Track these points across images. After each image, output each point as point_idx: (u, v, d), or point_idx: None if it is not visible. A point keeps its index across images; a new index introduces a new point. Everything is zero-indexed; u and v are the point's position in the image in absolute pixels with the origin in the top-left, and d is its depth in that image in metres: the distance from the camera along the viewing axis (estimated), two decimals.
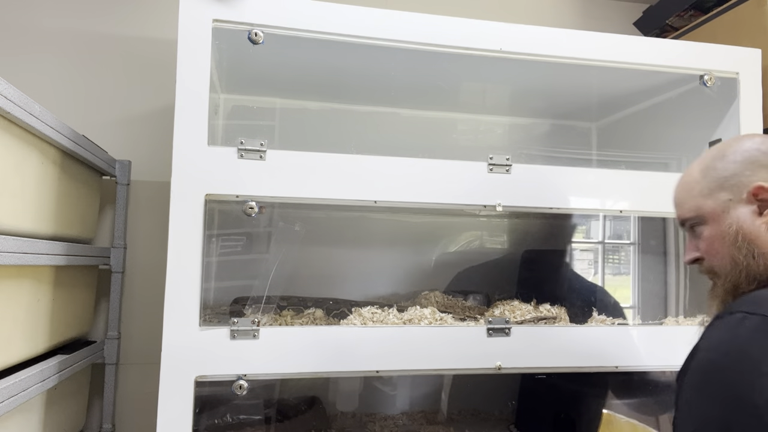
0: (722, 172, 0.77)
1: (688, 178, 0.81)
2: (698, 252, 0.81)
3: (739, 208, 0.75)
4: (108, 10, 1.43)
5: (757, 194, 0.74)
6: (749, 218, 0.75)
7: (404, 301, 1.37)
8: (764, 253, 0.75)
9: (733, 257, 0.75)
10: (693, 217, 0.80)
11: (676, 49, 1.20)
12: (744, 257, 0.75)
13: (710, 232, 0.78)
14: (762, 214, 0.74)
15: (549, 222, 1.47)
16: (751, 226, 0.74)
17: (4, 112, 0.80)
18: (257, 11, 1.01)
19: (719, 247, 0.77)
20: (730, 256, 0.76)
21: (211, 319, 1.03)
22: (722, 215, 0.76)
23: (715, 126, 1.28)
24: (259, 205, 0.99)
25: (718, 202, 0.77)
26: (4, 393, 0.81)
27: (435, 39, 1.09)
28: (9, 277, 0.88)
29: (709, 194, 0.78)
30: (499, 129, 1.67)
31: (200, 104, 0.97)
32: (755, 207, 0.74)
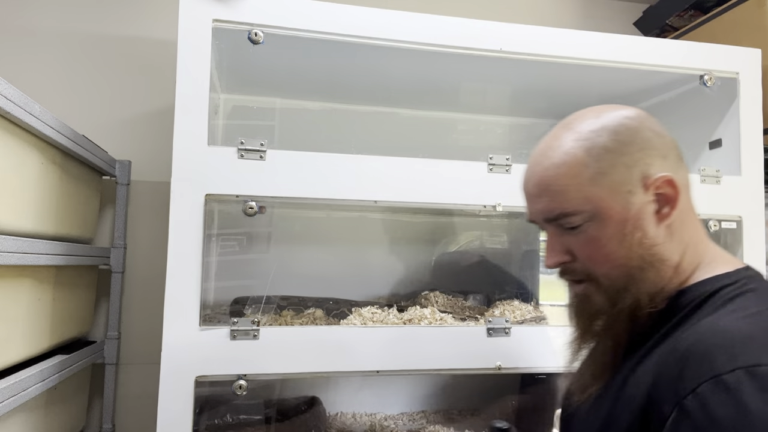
0: (620, 156, 0.60)
1: (568, 158, 0.61)
2: (567, 255, 0.64)
3: (638, 203, 0.60)
4: (108, 10, 1.43)
5: (659, 187, 0.60)
6: (650, 218, 0.60)
7: (404, 301, 1.37)
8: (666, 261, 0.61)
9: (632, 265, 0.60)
10: (577, 211, 0.61)
11: (676, 49, 1.20)
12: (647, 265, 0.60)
13: (599, 232, 0.60)
14: (660, 213, 0.60)
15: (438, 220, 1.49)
16: (652, 229, 0.60)
17: (4, 112, 0.80)
18: (257, 11, 1.01)
19: (611, 252, 0.60)
20: (626, 264, 0.60)
21: (211, 319, 1.03)
22: (621, 211, 0.59)
23: (715, 126, 1.28)
24: (259, 205, 0.99)
25: (616, 194, 0.59)
26: (4, 393, 0.81)
27: (435, 39, 1.09)
28: (9, 277, 0.88)
29: (602, 182, 0.60)
30: (499, 129, 1.67)
31: (200, 104, 0.97)
32: (654, 204, 0.60)
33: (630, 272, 0.60)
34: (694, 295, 0.59)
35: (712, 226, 1.17)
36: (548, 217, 0.63)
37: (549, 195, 0.62)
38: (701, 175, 1.17)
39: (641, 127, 0.61)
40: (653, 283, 0.60)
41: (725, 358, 0.48)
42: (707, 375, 0.48)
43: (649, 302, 0.60)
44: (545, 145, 0.64)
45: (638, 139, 0.61)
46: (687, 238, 0.62)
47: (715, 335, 0.51)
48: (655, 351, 0.57)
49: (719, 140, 1.28)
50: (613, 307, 0.62)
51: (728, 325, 0.52)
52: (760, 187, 1.20)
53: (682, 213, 0.61)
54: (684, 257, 0.62)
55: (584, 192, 0.60)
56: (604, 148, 0.60)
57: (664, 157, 0.61)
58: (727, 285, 0.58)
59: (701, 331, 0.53)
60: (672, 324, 0.59)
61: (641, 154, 0.60)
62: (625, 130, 0.61)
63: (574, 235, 0.62)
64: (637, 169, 0.60)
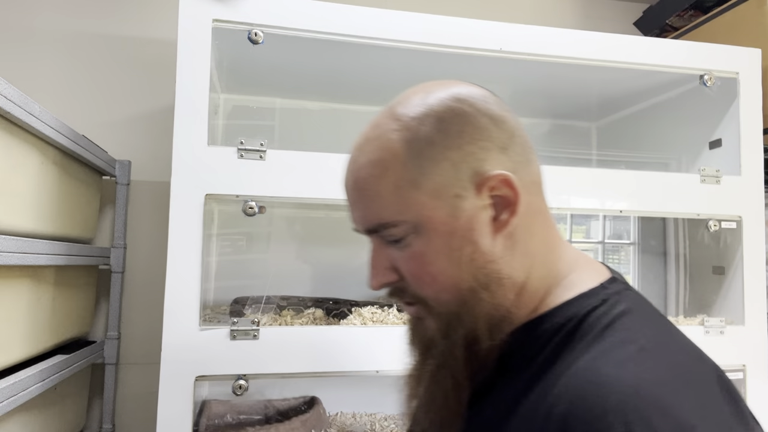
0: (446, 150, 0.47)
1: (384, 155, 0.48)
2: (393, 273, 0.51)
3: (469, 209, 0.47)
4: (108, 10, 1.43)
5: (494, 188, 0.47)
6: (485, 227, 0.48)
7: None
8: (507, 280, 0.48)
9: (464, 287, 0.48)
10: (397, 222, 0.48)
11: (676, 49, 1.20)
12: (483, 289, 0.47)
13: (424, 246, 0.48)
14: (497, 220, 0.48)
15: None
16: (489, 240, 0.48)
17: (4, 112, 0.80)
18: (257, 11, 1.01)
19: (439, 271, 0.48)
20: (457, 285, 0.48)
21: (211, 319, 1.03)
22: (448, 220, 0.47)
23: (715, 126, 1.29)
24: (259, 205, 0.99)
25: (442, 199, 0.47)
26: (4, 393, 0.81)
27: (435, 39, 1.09)
28: (9, 277, 0.88)
29: (425, 185, 0.47)
30: None
31: (200, 104, 0.97)
32: (489, 209, 0.48)
33: (462, 295, 0.48)
34: (554, 325, 0.47)
35: (712, 226, 1.17)
36: (367, 228, 0.51)
37: (364, 201, 0.50)
38: (701, 175, 1.17)
39: (474, 112, 0.48)
40: (493, 309, 0.48)
41: (621, 427, 0.35)
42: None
43: (489, 333, 0.48)
44: (364, 135, 0.52)
45: (469, 127, 0.48)
46: (535, 249, 0.50)
47: (599, 393, 0.38)
48: (521, 405, 0.44)
49: (719, 140, 1.28)
50: (446, 339, 0.49)
51: (612, 375, 0.39)
52: (760, 187, 1.20)
53: (528, 218, 0.49)
54: (532, 273, 0.50)
55: (404, 198, 0.47)
56: (427, 140, 0.47)
57: (503, 149, 0.48)
58: (595, 308, 0.46)
59: (578, 384, 0.40)
60: (536, 366, 0.46)
61: (473, 147, 0.47)
62: (453, 117, 0.48)
63: (399, 249, 0.49)
64: (467, 166, 0.47)
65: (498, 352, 0.49)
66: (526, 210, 0.49)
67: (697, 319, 1.19)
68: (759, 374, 1.15)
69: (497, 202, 0.48)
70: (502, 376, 0.49)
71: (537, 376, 0.45)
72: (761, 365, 1.16)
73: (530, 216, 0.50)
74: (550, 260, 0.51)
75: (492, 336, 0.48)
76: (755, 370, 1.15)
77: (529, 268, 0.50)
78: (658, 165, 1.49)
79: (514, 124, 0.51)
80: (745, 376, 1.15)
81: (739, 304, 1.18)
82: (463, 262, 0.47)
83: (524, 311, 0.50)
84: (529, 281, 0.50)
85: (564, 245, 0.54)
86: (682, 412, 0.36)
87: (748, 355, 1.15)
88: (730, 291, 1.24)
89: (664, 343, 0.43)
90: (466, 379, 0.49)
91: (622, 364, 0.40)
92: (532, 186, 0.50)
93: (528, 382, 0.45)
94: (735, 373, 1.15)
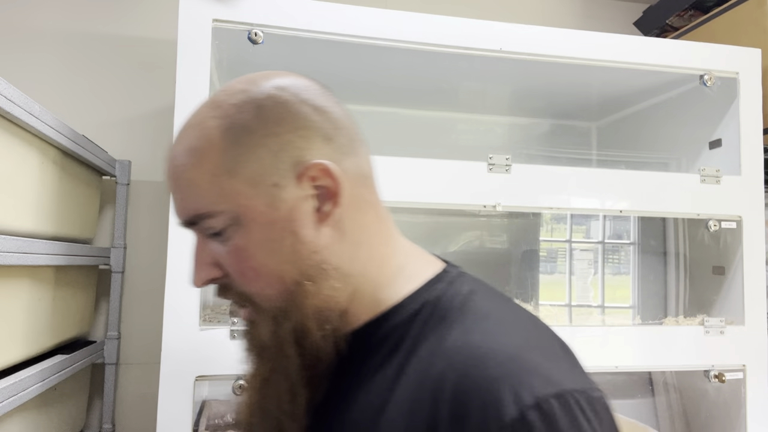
0: (264, 138, 0.46)
1: (201, 143, 0.47)
2: (217, 269, 0.49)
3: (290, 199, 0.46)
4: (108, 10, 1.43)
5: (315, 178, 0.46)
6: (308, 216, 0.47)
7: None
8: (335, 271, 0.47)
9: (289, 280, 0.46)
10: (213, 212, 0.46)
11: (676, 49, 1.20)
12: (309, 281, 0.46)
13: (245, 239, 0.46)
14: (320, 210, 0.47)
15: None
16: (312, 230, 0.47)
17: (4, 112, 0.80)
18: (257, 11, 1.01)
19: (261, 264, 0.46)
20: (282, 279, 0.47)
21: (211, 319, 1.03)
22: (267, 210, 0.46)
23: (715, 126, 1.29)
24: None
25: (260, 188, 0.46)
26: (4, 393, 0.81)
27: (435, 39, 1.09)
28: (9, 277, 0.88)
29: (242, 174, 0.46)
30: (499, 129, 1.67)
31: None
32: (312, 200, 0.47)
33: (287, 289, 0.46)
34: (409, 312, 0.48)
35: (712, 226, 1.17)
36: (185, 219, 0.49)
37: (181, 191, 0.48)
38: (701, 175, 1.17)
39: (295, 100, 0.47)
40: (322, 300, 0.47)
41: (510, 393, 0.38)
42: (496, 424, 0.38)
43: (319, 325, 0.47)
44: (184, 122, 0.50)
45: (290, 116, 0.47)
46: (367, 240, 0.50)
47: (482, 366, 0.40)
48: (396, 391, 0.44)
49: (719, 140, 1.28)
50: (275, 338, 0.47)
51: (485, 348, 0.42)
52: (760, 187, 1.20)
53: (356, 210, 0.49)
54: (367, 265, 0.50)
55: (220, 187, 0.46)
56: (245, 128, 0.46)
57: (327, 139, 0.48)
58: (444, 291, 0.48)
59: (460, 361, 0.42)
60: (402, 353, 0.46)
61: (292, 135, 0.46)
62: (273, 105, 0.47)
63: (220, 244, 0.47)
64: (287, 154, 0.46)
65: (347, 347, 0.49)
66: (353, 201, 0.48)
67: (697, 319, 1.19)
68: (759, 374, 1.15)
69: (321, 193, 0.47)
70: (365, 371, 0.48)
71: (406, 360, 0.45)
72: (761, 365, 1.16)
73: (359, 208, 0.49)
74: (385, 253, 0.52)
75: (322, 327, 0.47)
76: (755, 370, 1.15)
77: (363, 260, 0.49)
78: (658, 165, 1.49)
79: (341, 115, 0.50)
80: (745, 376, 1.15)
81: (739, 304, 1.18)
82: (286, 255, 0.46)
83: (366, 304, 0.49)
84: (364, 273, 0.49)
85: (399, 238, 0.54)
86: (547, 370, 0.40)
87: (748, 355, 1.15)
88: (730, 291, 1.24)
89: (513, 315, 0.47)
90: (302, 378, 0.48)
91: (491, 335, 0.43)
92: (361, 178, 0.50)
93: (398, 369, 0.45)
94: (735, 373, 1.15)
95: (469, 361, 0.41)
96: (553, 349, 0.45)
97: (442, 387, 0.41)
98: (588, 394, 0.40)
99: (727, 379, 1.14)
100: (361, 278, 0.49)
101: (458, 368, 0.41)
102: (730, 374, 1.14)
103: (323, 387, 0.50)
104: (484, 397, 0.39)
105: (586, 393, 0.40)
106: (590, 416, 0.39)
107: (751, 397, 1.15)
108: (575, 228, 1.58)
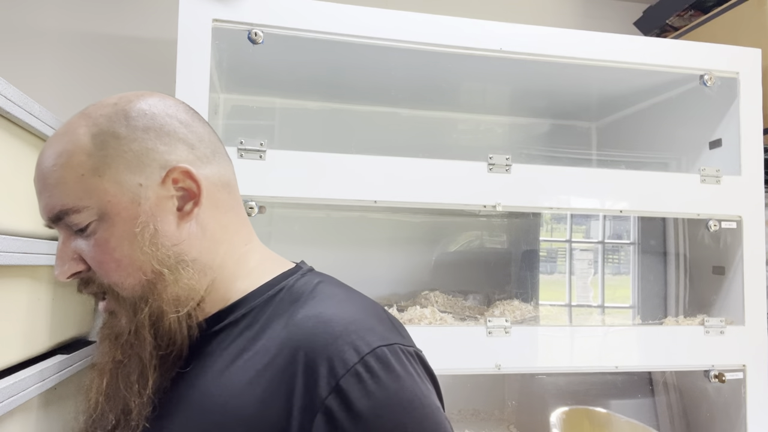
0: (131, 142, 0.52)
1: (70, 146, 0.51)
2: (80, 264, 0.53)
3: (153, 197, 0.52)
4: (108, 10, 1.43)
5: (177, 181, 0.53)
6: (170, 215, 0.52)
7: (404, 301, 1.37)
8: (193, 262, 0.53)
9: (148, 269, 0.51)
10: (79, 208, 0.51)
11: (676, 49, 1.20)
12: (169, 270, 0.51)
13: (108, 233, 0.51)
14: (182, 210, 0.53)
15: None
16: (172, 227, 0.52)
17: (4, 112, 0.80)
18: (257, 11, 1.01)
19: (123, 256, 0.51)
20: (142, 269, 0.51)
21: None
22: (130, 206, 0.51)
23: (715, 126, 1.28)
24: (258, 205, 0.99)
25: (125, 187, 0.51)
26: (3, 393, 0.81)
27: (435, 39, 1.09)
28: (9, 277, 0.88)
29: (108, 174, 0.51)
30: (499, 129, 1.67)
31: (200, 104, 0.97)
32: (174, 199, 0.53)
33: (147, 279, 0.51)
34: (264, 296, 0.55)
35: (712, 226, 1.17)
36: (50, 216, 0.54)
37: (49, 190, 0.52)
38: (701, 175, 1.17)
39: (162, 113, 0.55)
40: (180, 289, 0.52)
41: (351, 345, 0.47)
42: (341, 371, 0.46)
43: (176, 309, 0.52)
44: (55, 132, 0.55)
45: (156, 125, 0.53)
46: (227, 239, 0.56)
47: (326, 327, 0.49)
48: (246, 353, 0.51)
49: (719, 140, 1.28)
50: (132, 324, 0.52)
51: (330, 314, 0.51)
52: (760, 187, 1.20)
53: (217, 212, 0.56)
54: (225, 260, 0.56)
55: (86, 184, 0.51)
56: (114, 134, 0.52)
57: (190, 147, 0.54)
58: (297, 280, 0.57)
59: (309, 325, 0.50)
60: (257, 327, 0.53)
61: (158, 141, 0.53)
62: (142, 116, 0.53)
63: (84, 239, 0.52)
64: (152, 158, 0.52)
65: (202, 332, 0.54)
66: (214, 204, 0.56)
67: (697, 319, 1.19)
68: (759, 374, 1.15)
69: (183, 194, 0.53)
70: (218, 350, 0.53)
71: (258, 335, 0.52)
72: (761, 365, 1.16)
73: (220, 210, 0.56)
74: (245, 251, 0.58)
75: (177, 312, 0.52)
76: (755, 370, 1.15)
77: (222, 255, 0.56)
78: (658, 165, 1.49)
79: (205, 131, 0.58)
80: (745, 376, 1.15)
81: (739, 304, 1.18)
82: (147, 247, 0.51)
83: (222, 293, 0.56)
84: (222, 266, 0.56)
85: (257, 243, 0.61)
86: (381, 331, 0.50)
87: (748, 355, 1.15)
88: (730, 291, 1.24)
89: (355, 297, 0.57)
90: (154, 360, 0.52)
91: (336, 307, 0.52)
92: (223, 185, 0.57)
93: (250, 340, 0.52)
94: (735, 373, 1.15)
95: (318, 325, 0.49)
96: (386, 321, 0.53)
97: (296, 349, 0.48)
98: (413, 349, 0.51)
99: (727, 379, 1.14)
100: (220, 270, 0.56)
101: (308, 331, 0.49)
102: (730, 374, 1.14)
103: (174, 368, 0.54)
104: (330, 350, 0.47)
105: (411, 348, 0.51)
106: (414, 364, 0.50)
107: (751, 397, 1.15)
108: (575, 228, 1.58)
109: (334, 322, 0.49)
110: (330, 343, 0.48)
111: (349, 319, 0.50)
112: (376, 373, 0.46)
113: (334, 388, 0.46)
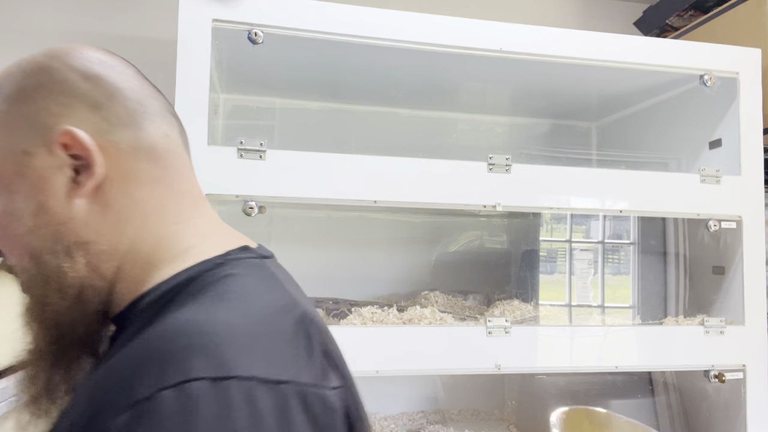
0: (20, 104, 0.45)
1: None
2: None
3: (40, 166, 0.44)
4: (108, 10, 1.43)
5: (68, 146, 0.43)
6: (60, 186, 0.44)
7: (404, 301, 1.37)
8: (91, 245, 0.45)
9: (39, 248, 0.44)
10: None
11: (676, 49, 1.20)
12: (52, 254, 0.44)
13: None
14: (76, 181, 0.44)
15: None
16: (62, 201, 0.44)
17: None
18: (257, 11, 1.01)
19: (13, 233, 0.45)
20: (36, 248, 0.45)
21: None
22: (14, 178, 0.44)
23: (715, 126, 1.29)
24: (258, 205, 0.99)
25: (8, 155, 0.44)
26: (3, 393, 0.81)
27: (435, 39, 1.09)
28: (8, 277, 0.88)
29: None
30: (499, 129, 1.67)
31: (200, 104, 0.97)
32: (67, 169, 0.44)
33: (38, 260, 0.44)
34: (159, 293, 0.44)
35: (712, 226, 1.17)
36: None
37: None
38: (701, 175, 1.17)
39: (62, 67, 0.45)
40: (70, 277, 0.44)
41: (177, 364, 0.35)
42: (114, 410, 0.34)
43: (61, 296, 0.45)
44: None
45: (50, 83, 0.45)
46: (140, 217, 0.46)
47: (165, 334, 0.38)
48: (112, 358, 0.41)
49: (719, 140, 1.28)
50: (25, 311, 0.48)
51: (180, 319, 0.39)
52: (760, 187, 1.20)
53: (130, 184, 0.46)
54: (137, 244, 0.46)
55: None
56: (5, 95, 0.45)
57: (94, 108, 0.45)
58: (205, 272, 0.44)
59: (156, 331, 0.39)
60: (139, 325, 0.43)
61: (50, 102, 0.44)
62: (37, 71, 0.46)
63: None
64: (40, 121, 0.44)
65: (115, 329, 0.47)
66: (128, 175, 0.45)
67: (697, 319, 1.19)
68: (759, 374, 1.15)
69: (81, 164, 0.44)
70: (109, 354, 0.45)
71: (139, 332, 0.41)
72: (761, 365, 1.16)
73: (135, 183, 0.46)
74: (170, 231, 0.47)
75: (64, 298, 0.44)
76: (755, 370, 1.15)
77: (131, 237, 0.45)
78: (658, 165, 1.49)
79: (129, 86, 0.48)
80: (745, 376, 1.15)
81: (739, 304, 1.18)
82: (31, 226, 0.44)
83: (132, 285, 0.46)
84: (132, 251, 0.46)
85: (199, 221, 0.50)
86: (229, 349, 0.36)
87: (748, 355, 1.15)
88: (730, 291, 1.24)
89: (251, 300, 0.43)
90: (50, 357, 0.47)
91: (200, 311, 0.40)
92: (145, 152, 0.46)
93: (120, 347, 0.42)
94: (735, 373, 1.15)
95: (161, 328, 0.39)
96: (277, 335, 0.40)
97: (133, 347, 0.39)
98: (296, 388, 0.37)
99: (727, 379, 1.14)
100: (129, 256, 0.46)
101: (149, 341, 0.38)
102: (730, 374, 1.14)
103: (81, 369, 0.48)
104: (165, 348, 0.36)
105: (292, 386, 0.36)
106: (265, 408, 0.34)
107: (751, 397, 1.15)
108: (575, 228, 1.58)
109: (177, 328, 0.38)
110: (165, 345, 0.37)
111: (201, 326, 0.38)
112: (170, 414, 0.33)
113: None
